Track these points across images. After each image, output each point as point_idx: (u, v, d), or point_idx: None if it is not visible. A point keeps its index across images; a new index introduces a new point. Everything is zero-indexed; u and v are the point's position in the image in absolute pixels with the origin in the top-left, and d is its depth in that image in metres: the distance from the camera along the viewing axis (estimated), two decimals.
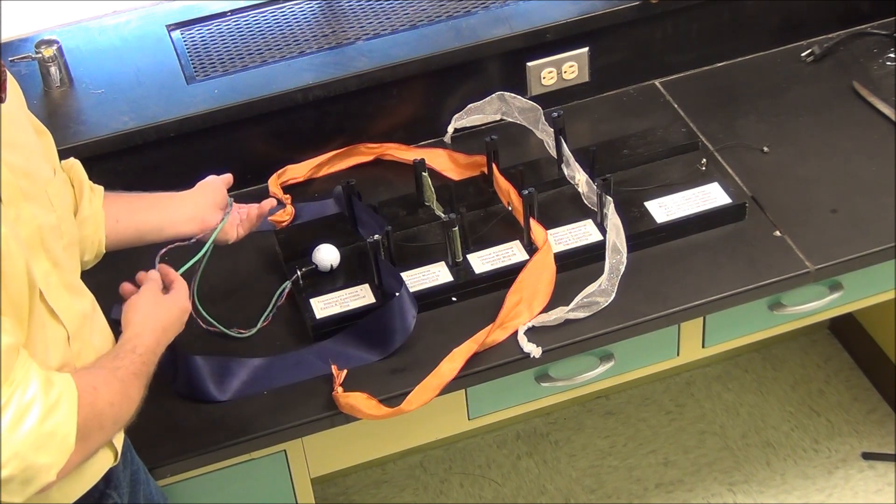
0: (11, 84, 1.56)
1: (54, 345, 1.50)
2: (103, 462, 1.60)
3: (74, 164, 1.81)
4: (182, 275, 1.79)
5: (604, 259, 1.99)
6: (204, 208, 1.91)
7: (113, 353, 1.58)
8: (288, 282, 2.02)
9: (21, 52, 2.27)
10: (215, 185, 1.95)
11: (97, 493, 1.60)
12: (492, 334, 1.92)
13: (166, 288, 1.75)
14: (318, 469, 2.04)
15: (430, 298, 1.99)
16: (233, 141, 2.26)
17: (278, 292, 2.02)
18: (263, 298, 2.03)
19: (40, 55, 2.23)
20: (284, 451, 1.94)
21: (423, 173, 2.13)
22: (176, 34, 2.39)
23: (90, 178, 1.81)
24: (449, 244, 2.02)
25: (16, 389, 1.36)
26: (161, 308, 1.68)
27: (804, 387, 2.91)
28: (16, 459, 1.35)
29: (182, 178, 2.18)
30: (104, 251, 1.81)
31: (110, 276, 1.78)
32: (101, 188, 1.82)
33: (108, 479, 1.62)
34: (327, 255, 2.04)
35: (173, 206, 1.89)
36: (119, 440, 1.63)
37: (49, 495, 1.49)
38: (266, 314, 2.01)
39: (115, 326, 1.67)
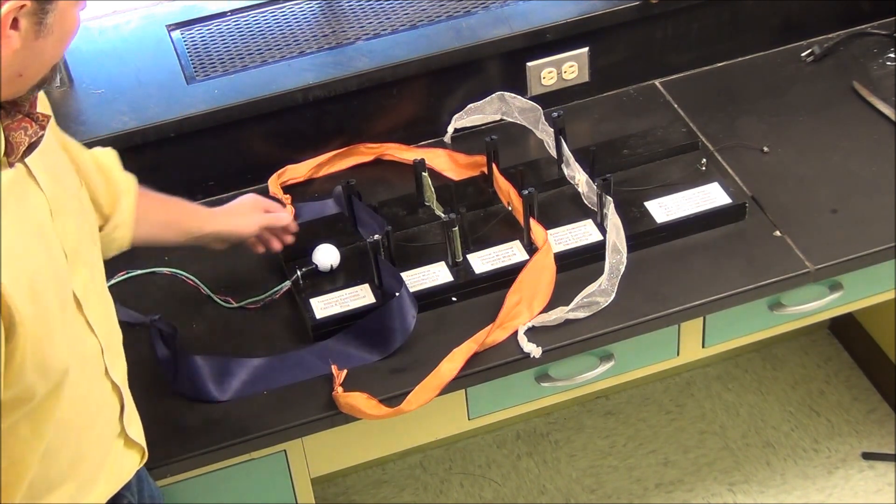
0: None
1: (90, 358, 1.48)
2: (132, 463, 1.61)
3: (111, 164, 1.79)
4: None
5: (604, 259, 1.99)
6: (236, 211, 1.96)
7: None
8: (288, 281, 2.02)
9: None
10: (255, 198, 2.00)
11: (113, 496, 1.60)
12: (492, 334, 1.91)
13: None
14: (318, 469, 2.04)
15: (430, 298, 1.99)
16: (233, 141, 2.26)
17: (277, 288, 2.03)
18: None
19: None
20: (284, 451, 1.94)
21: (423, 173, 2.13)
22: (176, 34, 2.39)
23: None
24: (449, 244, 2.02)
25: None
26: None
27: (804, 387, 2.91)
28: None
29: (182, 178, 2.19)
30: (127, 248, 1.83)
31: None
32: (132, 184, 1.82)
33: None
34: (327, 255, 2.04)
35: (199, 210, 1.95)
36: (142, 439, 1.63)
37: (82, 496, 1.49)
38: (257, 298, 2.02)
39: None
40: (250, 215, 1.98)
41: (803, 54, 2.47)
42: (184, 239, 1.91)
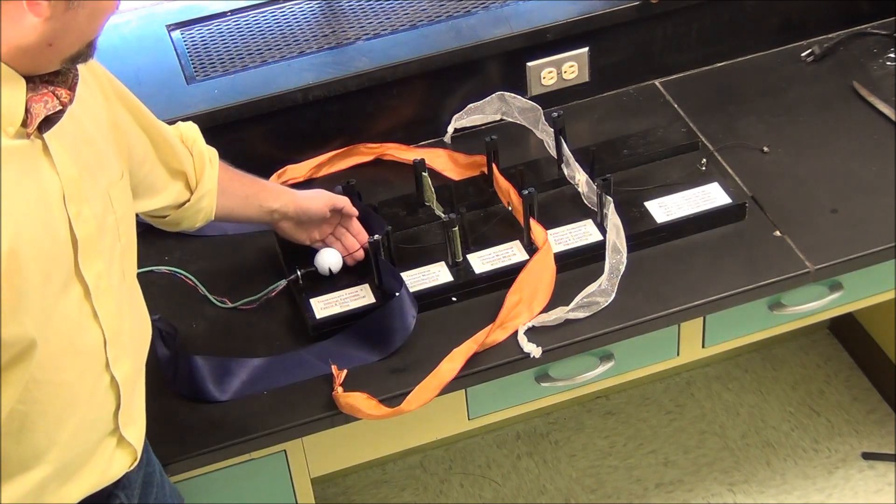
0: (97, 76, 1.61)
1: (86, 347, 1.47)
2: (120, 465, 1.59)
3: (195, 137, 1.86)
4: None
5: (604, 259, 1.99)
6: (305, 191, 2.02)
7: None
8: (283, 280, 2.02)
9: None
10: (330, 194, 2.05)
11: (104, 493, 1.59)
12: (492, 334, 1.91)
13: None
14: (318, 469, 2.04)
15: (430, 298, 1.99)
16: (233, 141, 2.26)
17: (272, 287, 2.03)
18: None
19: None
20: (284, 451, 1.94)
21: (423, 173, 2.13)
22: (176, 34, 2.39)
23: None
24: (449, 244, 2.02)
25: None
26: None
27: (804, 387, 2.91)
28: None
29: None
30: (213, 219, 1.91)
31: None
32: (215, 155, 1.89)
33: (118, 479, 1.61)
34: (330, 259, 2.03)
35: (273, 185, 2.04)
36: (139, 442, 1.62)
37: (57, 493, 1.49)
38: (252, 298, 2.02)
39: None
40: (319, 195, 2.04)
41: (803, 54, 2.47)
42: (259, 215, 1.98)
